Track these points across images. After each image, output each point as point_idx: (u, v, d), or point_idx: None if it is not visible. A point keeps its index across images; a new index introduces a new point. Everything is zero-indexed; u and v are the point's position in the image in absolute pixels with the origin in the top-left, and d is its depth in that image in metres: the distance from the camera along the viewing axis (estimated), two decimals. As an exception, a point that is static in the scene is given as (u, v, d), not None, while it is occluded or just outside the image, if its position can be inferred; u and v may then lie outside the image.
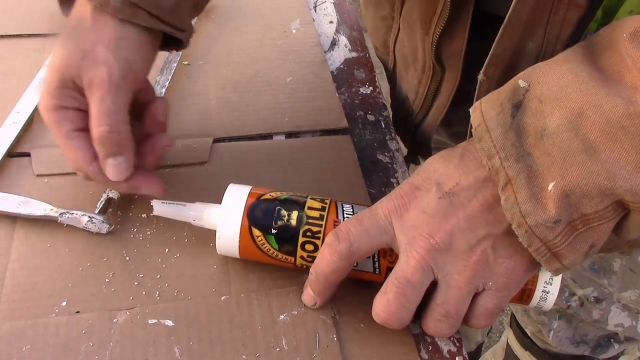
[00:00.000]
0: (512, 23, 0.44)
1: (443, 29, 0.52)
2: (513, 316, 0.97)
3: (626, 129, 0.35)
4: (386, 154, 0.58)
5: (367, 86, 0.65)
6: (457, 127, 0.68)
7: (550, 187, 0.37)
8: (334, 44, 0.70)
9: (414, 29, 0.57)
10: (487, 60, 0.46)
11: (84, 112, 0.45)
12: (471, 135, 0.42)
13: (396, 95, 0.67)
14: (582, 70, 0.37)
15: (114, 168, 0.45)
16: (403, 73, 0.64)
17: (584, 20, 0.42)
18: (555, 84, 0.38)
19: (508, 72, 0.46)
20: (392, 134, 0.60)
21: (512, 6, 0.43)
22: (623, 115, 0.35)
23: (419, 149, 0.68)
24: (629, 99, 0.35)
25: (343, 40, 0.70)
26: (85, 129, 0.45)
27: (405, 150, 0.68)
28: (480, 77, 0.47)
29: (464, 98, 0.59)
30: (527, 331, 0.93)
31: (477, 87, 0.48)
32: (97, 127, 0.44)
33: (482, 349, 1.24)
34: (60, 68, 0.45)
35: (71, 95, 0.45)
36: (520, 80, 0.39)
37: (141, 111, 0.49)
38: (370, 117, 0.62)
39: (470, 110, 0.41)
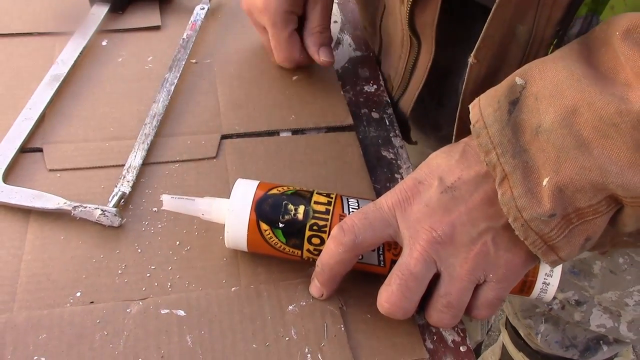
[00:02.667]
0: (503, 5, 0.43)
1: None
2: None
3: (617, 125, 0.36)
4: (390, 150, 0.60)
5: (371, 84, 0.66)
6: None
7: (545, 182, 0.38)
8: (338, 43, 0.71)
9: None
10: (477, 43, 0.46)
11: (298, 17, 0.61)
12: (461, 130, 0.43)
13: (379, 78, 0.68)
14: (576, 68, 0.38)
15: (325, 55, 0.62)
16: (386, 52, 0.65)
17: (574, 4, 0.42)
18: (550, 82, 0.38)
19: (499, 56, 0.46)
20: (396, 131, 0.61)
21: None
22: (615, 113, 0.36)
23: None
24: (621, 96, 0.36)
25: (347, 39, 0.72)
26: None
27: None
28: (471, 60, 0.47)
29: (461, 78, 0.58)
30: (520, 332, 0.93)
31: (467, 70, 0.48)
32: (320, 28, 0.62)
33: (482, 347, 1.25)
34: None
35: (297, 2, 0.60)
36: (517, 78, 0.40)
37: None
38: (375, 115, 0.63)
39: (470, 106, 0.42)
